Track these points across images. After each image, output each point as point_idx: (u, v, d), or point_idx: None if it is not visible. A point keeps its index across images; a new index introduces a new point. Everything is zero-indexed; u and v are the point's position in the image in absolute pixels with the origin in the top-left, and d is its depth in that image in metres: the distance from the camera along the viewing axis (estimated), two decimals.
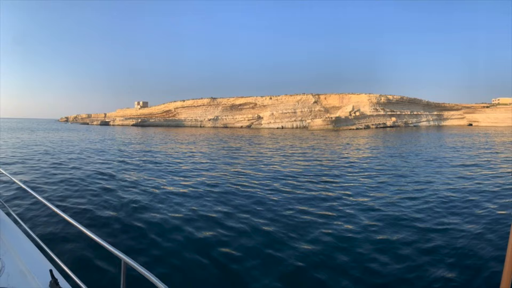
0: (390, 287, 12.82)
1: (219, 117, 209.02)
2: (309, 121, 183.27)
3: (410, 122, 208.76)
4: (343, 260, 14.78)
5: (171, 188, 28.97)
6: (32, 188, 24.63)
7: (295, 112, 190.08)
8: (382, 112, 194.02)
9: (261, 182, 31.77)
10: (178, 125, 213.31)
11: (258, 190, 28.33)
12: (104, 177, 33.85)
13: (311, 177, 34.36)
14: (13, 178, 9.49)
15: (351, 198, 25.61)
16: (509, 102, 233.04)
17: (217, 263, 14.54)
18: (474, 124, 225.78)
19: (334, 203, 24.04)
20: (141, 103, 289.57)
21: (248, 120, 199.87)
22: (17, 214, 13.23)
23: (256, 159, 49.79)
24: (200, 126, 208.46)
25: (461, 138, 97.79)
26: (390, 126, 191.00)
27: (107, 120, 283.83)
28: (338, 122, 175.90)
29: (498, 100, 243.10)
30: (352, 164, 44.57)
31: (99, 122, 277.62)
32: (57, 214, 8.43)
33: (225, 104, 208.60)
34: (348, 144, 78.71)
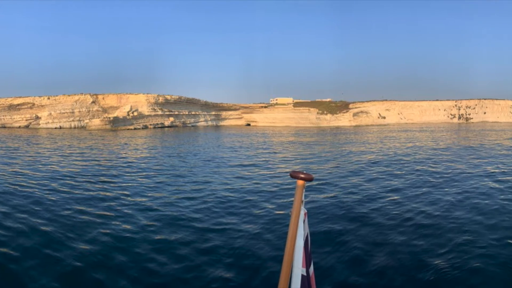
0: (168, 287, 13.19)
1: None
2: (87, 121, 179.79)
3: (188, 122, 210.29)
4: (121, 260, 14.94)
5: None
6: None
7: (73, 112, 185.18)
8: (160, 112, 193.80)
9: (39, 182, 30.95)
10: None
11: (36, 190, 27.59)
12: None
13: (89, 177, 34.03)
14: None
15: (129, 198, 25.77)
16: (286, 102, 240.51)
17: None
18: (252, 124, 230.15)
19: (112, 203, 24.10)
20: None
21: (26, 120, 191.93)
22: None
23: (34, 159, 48.14)
24: None
25: (239, 138, 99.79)
26: (168, 126, 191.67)
27: None
28: (116, 122, 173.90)
29: (276, 100, 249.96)
30: (130, 164, 44.64)
31: None
32: None
33: (3, 104, 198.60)
34: (126, 144, 78.01)
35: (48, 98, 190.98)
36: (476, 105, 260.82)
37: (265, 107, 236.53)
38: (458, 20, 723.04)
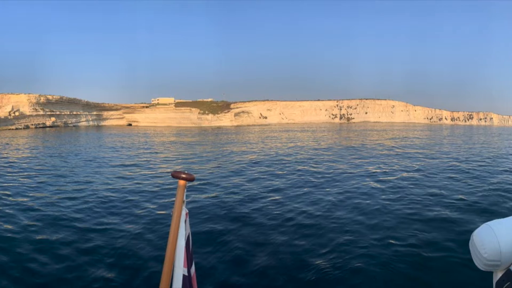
0: (50, 287, 13.18)
1: None
2: None
3: (70, 122, 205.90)
4: (2, 260, 14.84)
5: None
6: None
7: None
8: (41, 112, 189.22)
9: None
10: None
11: None
12: None
13: None
14: None
15: (10, 198, 25.41)
16: (168, 102, 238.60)
17: None
18: (134, 124, 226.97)
19: None
20: None
21: None
22: None
23: None
24: None
25: (120, 138, 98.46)
26: (50, 126, 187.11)
27: None
28: None
29: (158, 100, 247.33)
30: (11, 164, 43.63)
31: None
32: None
33: None
34: (7, 144, 75.78)
35: None
36: (357, 105, 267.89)
37: (147, 107, 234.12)
38: (339, 21, 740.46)
